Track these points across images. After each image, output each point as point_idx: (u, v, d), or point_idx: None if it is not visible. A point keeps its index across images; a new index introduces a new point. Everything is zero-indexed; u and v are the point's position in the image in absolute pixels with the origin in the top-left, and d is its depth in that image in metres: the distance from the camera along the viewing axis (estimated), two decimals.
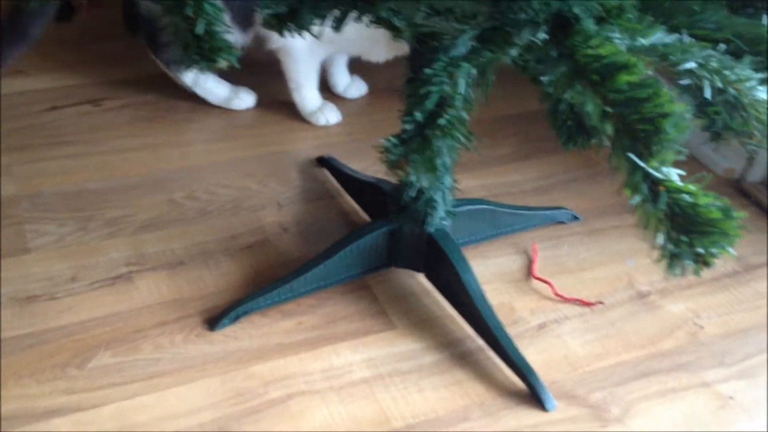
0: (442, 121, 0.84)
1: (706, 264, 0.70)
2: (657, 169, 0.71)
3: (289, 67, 1.73)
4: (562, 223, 1.63)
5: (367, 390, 1.26)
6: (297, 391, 1.24)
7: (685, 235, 0.70)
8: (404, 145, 0.84)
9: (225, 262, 1.43)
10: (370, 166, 1.63)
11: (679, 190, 0.72)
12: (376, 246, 1.39)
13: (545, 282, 1.48)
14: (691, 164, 1.81)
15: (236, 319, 1.32)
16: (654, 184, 0.72)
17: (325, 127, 1.80)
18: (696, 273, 0.73)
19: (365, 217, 1.55)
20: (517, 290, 1.47)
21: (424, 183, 0.82)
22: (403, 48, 1.61)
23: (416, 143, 0.83)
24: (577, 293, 1.47)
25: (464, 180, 1.39)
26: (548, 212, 1.61)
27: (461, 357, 1.33)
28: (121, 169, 1.61)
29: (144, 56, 1.82)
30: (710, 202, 0.71)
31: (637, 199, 0.73)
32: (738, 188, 1.78)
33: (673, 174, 0.72)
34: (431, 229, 1.36)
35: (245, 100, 1.80)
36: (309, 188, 1.63)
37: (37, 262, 1.39)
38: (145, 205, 1.53)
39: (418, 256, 1.40)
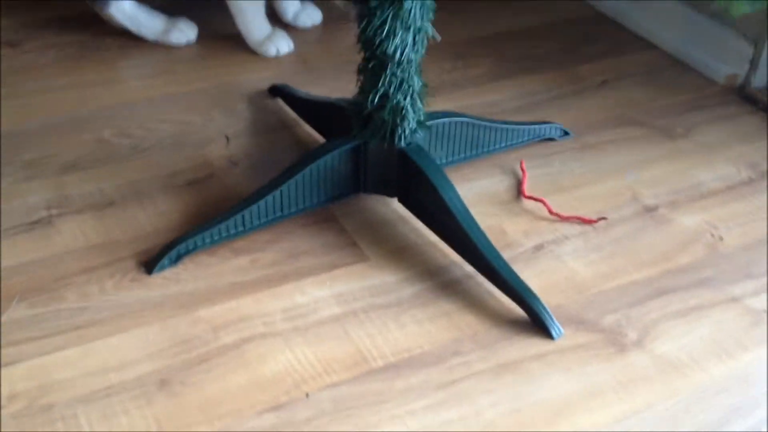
0: None
1: None
2: None
3: None
4: (550, 139, 1.43)
5: (339, 329, 1.06)
6: (254, 335, 1.03)
7: None
8: None
9: (164, 201, 1.22)
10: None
11: None
12: (340, 169, 1.19)
13: (538, 200, 1.28)
14: (690, 73, 1.64)
15: (178, 259, 1.12)
16: None
17: (276, 58, 1.59)
18: None
19: None
20: (507, 212, 1.27)
21: None
22: None
23: None
24: (575, 211, 1.27)
25: (436, 104, 1.19)
26: (535, 127, 1.41)
27: (446, 286, 1.13)
28: (42, 110, 1.39)
29: None
30: None
31: None
32: (742, 95, 1.59)
33: None
34: (402, 144, 1.16)
35: (185, 32, 1.59)
36: (261, 120, 1.42)
37: None
38: (68, 146, 1.31)
39: (388, 177, 1.20)
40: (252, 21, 1.56)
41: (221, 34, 1.64)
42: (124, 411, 0.93)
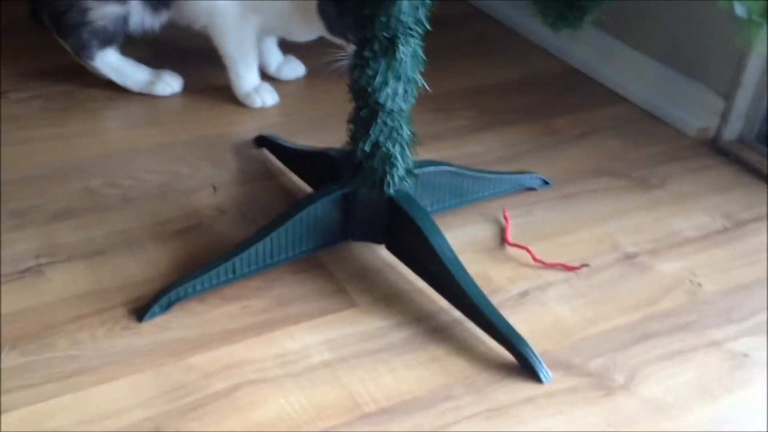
0: None
1: None
2: None
3: (221, 43, 1.56)
4: (531, 189, 1.47)
5: (330, 374, 1.06)
6: (246, 381, 1.04)
7: None
8: None
9: (153, 249, 1.23)
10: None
11: None
12: (329, 216, 1.21)
13: (522, 248, 1.31)
14: (663, 126, 1.69)
15: (168, 306, 1.12)
16: None
17: (262, 110, 1.62)
18: None
19: None
20: (492, 259, 1.30)
21: None
22: (321, 28, 1.50)
23: None
24: (558, 259, 1.30)
25: (420, 154, 1.22)
26: (517, 177, 1.45)
27: (436, 331, 1.15)
28: (29, 160, 1.40)
29: (53, 49, 1.62)
30: None
31: None
32: (714, 147, 1.65)
33: None
34: (391, 192, 1.19)
35: (171, 84, 1.61)
36: (248, 169, 1.44)
37: None
38: (56, 195, 1.32)
39: (377, 224, 1.22)
40: (243, 72, 1.59)
41: (206, 86, 1.66)
42: None
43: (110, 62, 1.57)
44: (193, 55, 1.71)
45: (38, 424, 0.95)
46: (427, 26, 1.06)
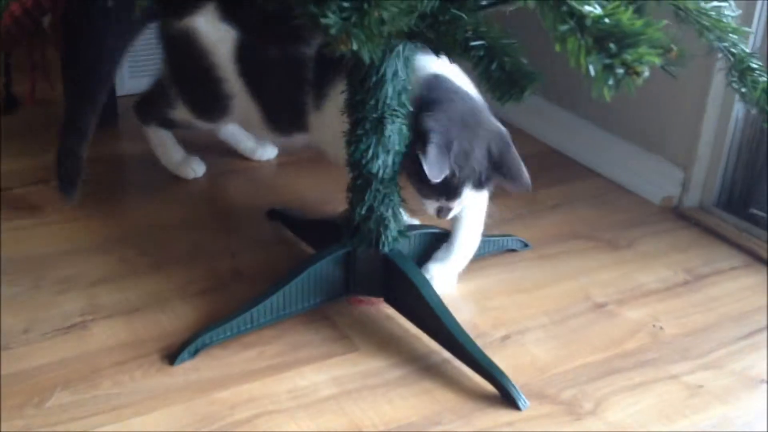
0: None
1: (637, 73, 0.72)
2: (579, 4, 0.75)
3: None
4: (513, 251, 1.66)
5: (335, 405, 1.23)
6: (263, 411, 1.21)
7: (615, 46, 0.72)
8: (344, 21, 0.86)
9: (181, 307, 1.42)
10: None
11: (602, 16, 0.75)
12: (332, 272, 1.39)
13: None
14: (631, 196, 1.89)
15: (196, 352, 1.30)
16: (579, 17, 0.75)
17: (271, 189, 1.82)
18: (628, 86, 0.75)
19: None
20: (477, 309, 1.48)
21: (366, 56, 0.84)
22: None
23: (356, 16, 0.85)
24: (535, 309, 1.48)
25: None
26: (499, 239, 1.64)
27: (427, 369, 1.32)
28: (70, 235, 1.60)
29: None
30: (632, 16, 0.74)
31: (564, 28, 0.75)
32: (677, 213, 1.84)
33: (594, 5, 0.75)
34: (386, 249, 1.38)
35: (195, 170, 1.83)
36: (262, 239, 1.64)
37: None
38: (96, 264, 1.52)
39: (375, 279, 1.40)
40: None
41: (224, 170, 1.88)
42: None
43: (160, 135, 1.80)
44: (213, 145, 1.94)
45: None
46: (410, 108, 1.27)
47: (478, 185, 1.38)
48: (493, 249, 1.63)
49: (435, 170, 1.27)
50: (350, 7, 0.85)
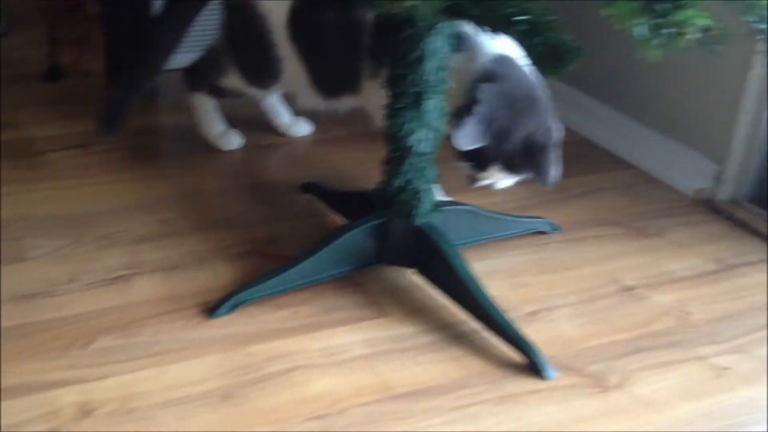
0: None
1: (682, 34, 0.75)
2: None
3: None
4: (542, 233, 1.68)
5: (366, 364, 1.27)
6: (297, 366, 1.25)
7: (665, 7, 0.75)
8: None
9: (219, 266, 1.46)
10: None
11: None
12: (365, 242, 1.43)
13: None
14: (663, 188, 1.91)
15: (233, 308, 1.34)
16: None
17: (304, 162, 1.86)
18: (676, 44, 0.78)
19: None
20: (507, 285, 1.50)
21: (419, 13, 0.87)
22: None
23: None
24: (563, 288, 1.51)
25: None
26: (530, 221, 1.67)
27: (457, 337, 1.35)
28: (111, 196, 1.65)
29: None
30: None
31: None
32: (709, 206, 1.85)
33: None
34: (419, 222, 1.41)
35: (233, 141, 1.87)
36: (296, 209, 1.68)
37: (34, 269, 1.40)
38: (138, 223, 1.56)
39: (407, 250, 1.43)
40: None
41: (259, 144, 1.92)
42: (195, 415, 1.13)
43: (204, 104, 1.85)
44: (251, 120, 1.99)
45: (129, 387, 1.17)
46: (449, 84, 1.30)
47: (508, 168, 1.42)
48: (523, 230, 1.66)
49: (463, 138, 1.32)
50: None
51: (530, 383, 1.27)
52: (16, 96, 2.02)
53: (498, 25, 1.12)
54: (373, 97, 1.54)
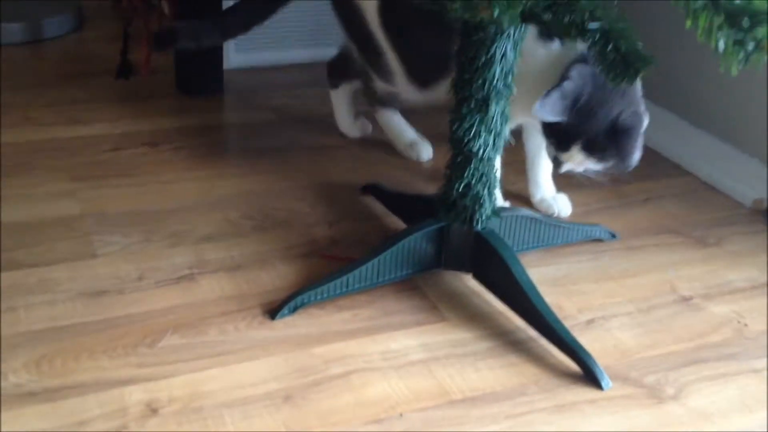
0: None
1: (763, 48, 0.76)
2: None
3: None
4: (599, 240, 1.69)
5: (425, 369, 1.29)
6: (357, 369, 1.28)
7: (748, 22, 0.77)
8: None
9: (281, 267, 1.49)
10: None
11: None
12: (425, 246, 1.45)
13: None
14: (721, 196, 1.90)
15: (295, 309, 1.37)
16: None
17: (363, 163, 1.89)
18: (757, 62, 0.79)
19: None
20: (563, 293, 1.52)
21: (505, 22, 0.89)
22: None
23: None
24: (621, 296, 1.52)
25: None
26: (587, 228, 1.68)
27: (514, 344, 1.37)
28: (178, 194, 1.70)
29: (194, 110, 1.96)
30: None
31: (697, 4, 0.79)
32: None
33: None
34: (479, 227, 1.43)
35: (422, 152, 1.92)
36: (357, 211, 1.71)
37: (105, 265, 1.45)
38: (203, 222, 1.61)
39: (466, 255, 1.45)
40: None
41: (322, 145, 1.96)
42: (258, 415, 1.17)
43: (382, 120, 1.93)
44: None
45: (195, 386, 1.21)
46: (514, 90, 1.32)
47: (590, 148, 1.44)
48: (580, 237, 1.67)
49: (544, 108, 1.37)
50: None
51: (586, 393, 1.28)
52: (89, 92, 2.09)
53: (570, 30, 1.13)
54: None
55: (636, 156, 1.46)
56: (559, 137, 1.46)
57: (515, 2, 0.90)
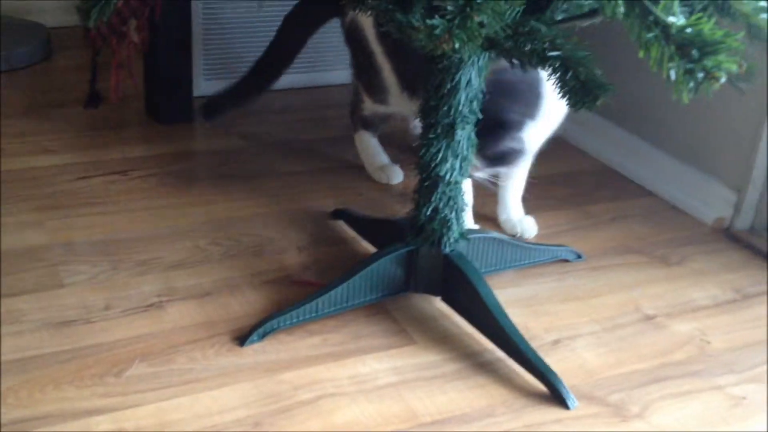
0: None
1: (715, 78, 0.79)
2: (664, 14, 0.82)
3: None
4: (566, 261, 1.71)
5: (394, 392, 1.31)
6: (326, 394, 1.29)
7: (697, 53, 0.79)
8: (448, 22, 0.95)
9: (250, 293, 1.50)
10: None
11: (685, 26, 0.82)
12: (395, 270, 1.46)
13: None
14: (683, 216, 1.93)
15: (264, 336, 1.38)
16: (664, 26, 0.82)
17: (338, 188, 1.91)
18: (706, 90, 0.82)
19: None
20: (530, 314, 1.54)
21: (466, 54, 0.91)
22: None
23: (459, 19, 0.94)
24: (586, 316, 1.54)
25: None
26: (554, 249, 1.70)
27: (481, 366, 1.39)
28: (147, 222, 1.70)
29: (164, 137, 1.97)
30: (713, 27, 0.80)
31: (649, 36, 0.82)
32: (728, 235, 1.88)
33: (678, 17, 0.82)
34: (447, 250, 1.45)
35: (391, 177, 1.97)
36: (327, 236, 1.72)
37: (72, 295, 1.45)
38: (172, 250, 1.61)
39: (435, 278, 1.47)
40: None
41: (308, 168, 1.97)
42: None
43: (359, 141, 1.98)
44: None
45: (163, 415, 1.21)
46: (479, 116, 1.34)
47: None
48: (547, 258, 1.69)
49: None
50: (453, 11, 0.94)
51: (553, 413, 1.30)
52: (58, 121, 2.09)
53: (532, 59, 1.15)
54: None
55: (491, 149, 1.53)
56: None
57: (475, 35, 0.93)
